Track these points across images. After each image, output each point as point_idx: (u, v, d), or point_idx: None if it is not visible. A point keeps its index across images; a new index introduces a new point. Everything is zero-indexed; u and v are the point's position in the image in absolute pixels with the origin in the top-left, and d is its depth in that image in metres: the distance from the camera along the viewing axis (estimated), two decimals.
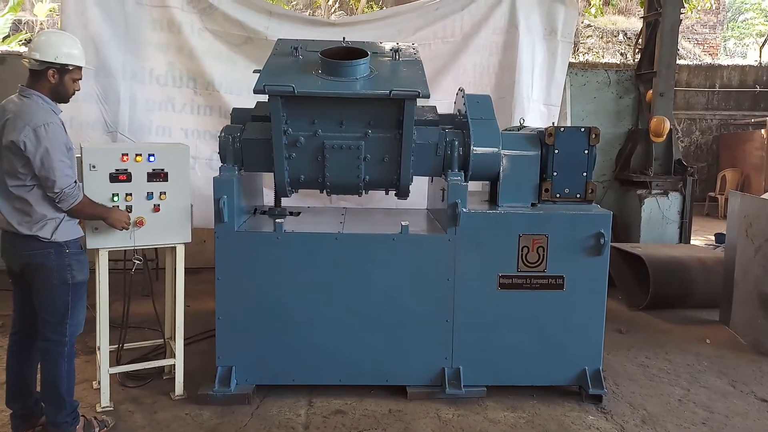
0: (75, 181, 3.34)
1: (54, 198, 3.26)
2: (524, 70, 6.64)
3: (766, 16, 22.76)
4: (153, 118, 6.19)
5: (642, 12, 9.12)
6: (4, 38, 11.81)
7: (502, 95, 6.62)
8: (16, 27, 12.91)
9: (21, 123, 3.18)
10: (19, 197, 3.26)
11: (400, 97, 3.89)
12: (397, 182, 4.19)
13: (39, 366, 3.54)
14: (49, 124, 3.22)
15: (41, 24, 12.95)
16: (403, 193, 4.31)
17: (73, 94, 3.47)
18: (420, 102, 4.14)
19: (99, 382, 3.97)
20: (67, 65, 3.33)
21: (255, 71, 4.00)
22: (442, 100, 6.26)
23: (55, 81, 3.32)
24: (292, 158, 4.10)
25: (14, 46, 10.83)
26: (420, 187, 5.05)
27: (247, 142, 4.17)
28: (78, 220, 3.47)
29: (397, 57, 4.25)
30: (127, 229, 3.68)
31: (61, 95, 3.40)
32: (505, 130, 4.71)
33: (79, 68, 3.42)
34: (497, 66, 6.66)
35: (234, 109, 4.65)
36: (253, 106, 4.53)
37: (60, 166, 3.23)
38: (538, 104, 6.81)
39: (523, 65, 6.63)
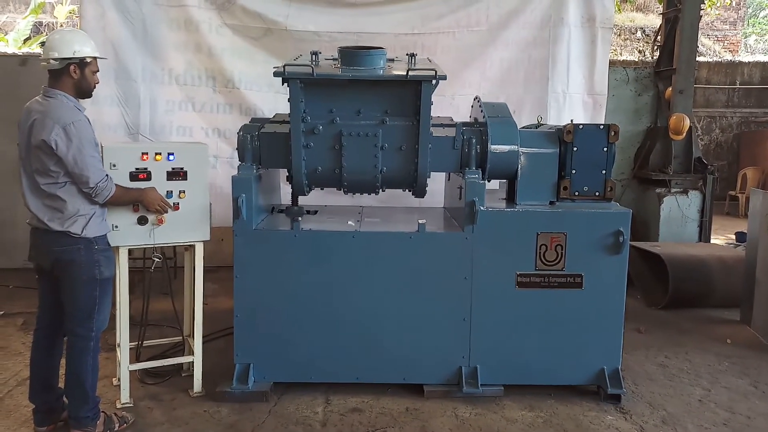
0: (107, 174, 3.43)
1: (90, 193, 3.36)
2: (559, 65, 6.55)
3: None
4: (173, 119, 6.25)
5: (661, 8, 9.01)
6: (26, 40, 11.97)
7: (533, 91, 6.57)
8: (37, 29, 13.08)
9: (50, 122, 3.25)
10: (51, 194, 3.33)
11: (417, 79, 3.94)
12: (414, 173, 4.18)
13: (62, 362, 3.59)
14: (77, 121, 3.30)
15: (61, 26, 13.10)
16: (420, 190, 4.30)
17: (95, 87, 3.54)
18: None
19: (119, 379, 4.01)
20: (85, 58, 3.40)
21: (275, 68, 4.04)
22: (467, 95, 6.22)
23: (77, 76, 3.40)
24: (309, 147, 4.11)
25: (35, 48, 10.98)
26: (437, 187, 5.05)
27: (265, 136, 4.22)
28: (104, 217, 3.54)
29: (413, 61, 4.26)
30: (162, 211, 3.75)
31: (84, 89, 3.47)
32: (524, 127, 4.69)
33: (96, 60, 3.50)
34: (527, 61, 6.56)
35: (252, 119, 4.73)
36: (273, 102, 4.56)
37: (92, 162, 3.33)
38: (580, 96, 6.68)
39: (558, 60, 6.54)
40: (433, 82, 3.97)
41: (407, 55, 4.27)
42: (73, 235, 3.36)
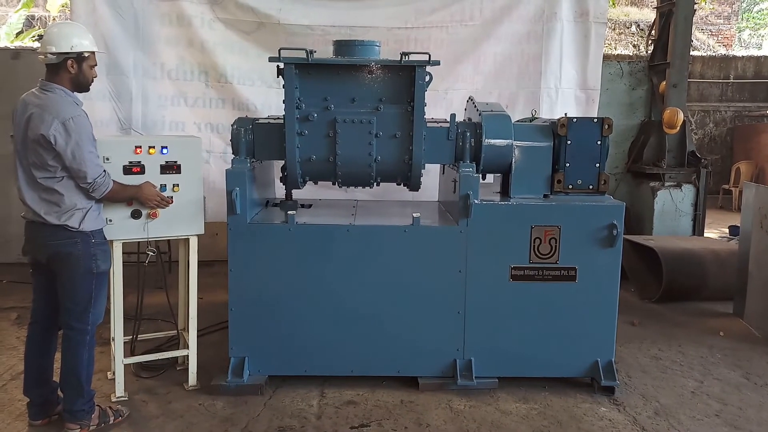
0: (104, 170, 3.42)
1: (87, 188, 3.36)
2: (552, 60, 6.54)
3: None
4: (165, 114, 6.24)
5: (655, 2, 9.03)
6: (18, 34, 11.90)
7: (526, 86, 6.56)
8: (29, 23, 13.00)
9: (49, 117, 3.23)
10: (48, 188, 3.32)
11: (411, 64, 4.00)
12: (409, 162, 4.18)
13: (57, 355, 3.59)
14: (76, 117, 3.29)
15: (54, 19, 13.01)
16: (414, 182, 4.30)
17: (92, 81, 3.52)
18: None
19: (114, 373, 4.02)
20: (83, 53, 3.38)
21: (270, 58, 4.04)
22: (461, 89, 6.22)
23: (74, 71, 3.38)
24: (303, 135, 4.12)
25: (27, 42, 10.92)
26: (431, 182, 5.06)
27: (259, 127, 4.23)
28: (100, 211, 3.54)
29: (407, 56, 4.27)
30: (159, 206, 3.75)
31: (82, 84, 3.46)
32: (518, 121, 4.70)
33: (94, 54, 3.48)
34: (520, 56, 6.55)
35: (246, 116, 4.73)
36: (265, 97, 4.57)
37: (90, 158, 3.32)
38: (573, 91, 6.68)
39: (551, 55, 6.53)
40: (427, 69, 4.00)
41: (401, 54, 4.28)
42: (70, 229, 3.35)
